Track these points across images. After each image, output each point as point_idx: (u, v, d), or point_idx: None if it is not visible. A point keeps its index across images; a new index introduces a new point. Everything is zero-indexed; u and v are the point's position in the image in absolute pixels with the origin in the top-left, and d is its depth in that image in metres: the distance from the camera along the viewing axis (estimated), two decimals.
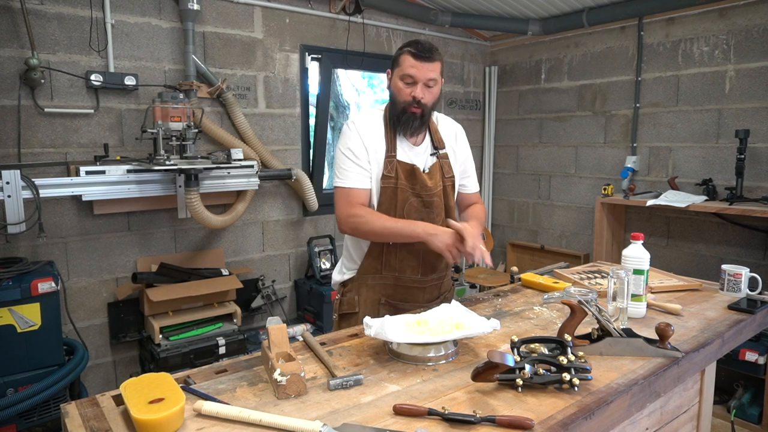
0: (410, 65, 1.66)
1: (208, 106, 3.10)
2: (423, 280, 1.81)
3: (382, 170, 1.72)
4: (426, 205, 1.76)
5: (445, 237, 1.58)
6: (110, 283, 2.92)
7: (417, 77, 1.66)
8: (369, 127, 1.75)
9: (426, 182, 1.75)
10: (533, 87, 4.37)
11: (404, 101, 1.69)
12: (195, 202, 2.80)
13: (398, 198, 1.73)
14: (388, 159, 1.72)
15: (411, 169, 1.74)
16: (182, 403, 1.01)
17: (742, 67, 3.18)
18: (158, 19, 2.94)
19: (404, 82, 1.69)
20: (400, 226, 1.64)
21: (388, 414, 1.07)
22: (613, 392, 1.16)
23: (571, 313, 1.33)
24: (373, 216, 1.67)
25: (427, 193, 1.75)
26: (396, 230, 1.64)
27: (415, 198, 1.74)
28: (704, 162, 3.38)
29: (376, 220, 1.66)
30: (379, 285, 1.80)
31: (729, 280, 1.85)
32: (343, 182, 1.72)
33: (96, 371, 2.92)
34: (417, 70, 1.66)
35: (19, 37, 2.55)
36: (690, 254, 3.50)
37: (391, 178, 1.72)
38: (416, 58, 1.65)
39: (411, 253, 1.76)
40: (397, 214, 1.72)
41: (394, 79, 1.73)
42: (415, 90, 1.67)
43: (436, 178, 1.78)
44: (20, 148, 2.59)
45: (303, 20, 3.49)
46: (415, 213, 1.75)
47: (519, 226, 4.61)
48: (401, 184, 1.72)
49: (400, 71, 1.69)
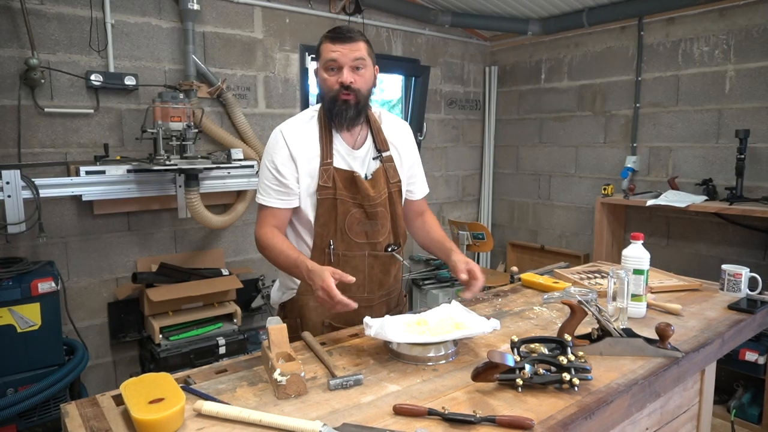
0: (330, 50, 1.53)
1: (208, 106, 3.10)
2: (370, 298, 1.66)
3: (318, 180, 1.57)
4: (370, 217, 1.61)
5: (317, 287, 1.36)
6: (110, 283, 2.92)
7: (340, 60, 1.52)
8: (300, 135, 1.60)
9: (368, 191, 1.59)
10: (533, 87, 4.37)
11: (332, 90, 1.55)
12: (195, 202, 2.80)
13: (338, 210, 1.57)
14: (324, 167, 1.56)
15: (350, 177, 1.58)
16: (182, 403, 1.01)
17: (742, 67, 3.18)
18: (158, 19, 2.94)
19: (329, 70, 1.55)
20: (289, 263, 1.49)
21: (388, 414, 1.07)
22: (613, 392, 1.16)
23: (571, 313, 1.33)
24: (275, 243, 1.53)
25: (370, 203, 1.59)
26: (286, 265, 1.51)
27: (357, 209, 1.59)
28: (704, 162, 3.38)
29: (274, 249, 1.52)
30: (320, 308, 1.57)
31: (729, 279, 1.85)
32: (263, 199, 1.59)
33: (96, 371, 2.92)
34: (339, 53, 1.52)
35: (19, 37, 2.55)
36: (690, 254, 3.50)
37: (329, 189, 1.56)
38: (334, 41, 1.53)
39: (356, 269, 1.60)
40: (338, 227, 1.58)
41: (319, 72, 1.58)
42: (341, 75, 1.53)
43: (380, 185, 1.62)
44: (20, 148, 2.59)
45: (303, 20, 3.49)
46: (358, 225, 1.60)
47: (519, 226, 4.61)
48: (340, 195, 1.57)
49: (322, 61, 1.55)
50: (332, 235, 1.59)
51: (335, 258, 1.59)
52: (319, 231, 1.59)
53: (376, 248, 1.64)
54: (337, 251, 1.60)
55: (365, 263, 1.63)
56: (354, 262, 1.61)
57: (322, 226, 1.58)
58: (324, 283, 1.33)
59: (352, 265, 1.60)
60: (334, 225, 1.59)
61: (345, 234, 1.59)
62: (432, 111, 4.33)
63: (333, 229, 1.59)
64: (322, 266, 1.40)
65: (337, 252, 1.60)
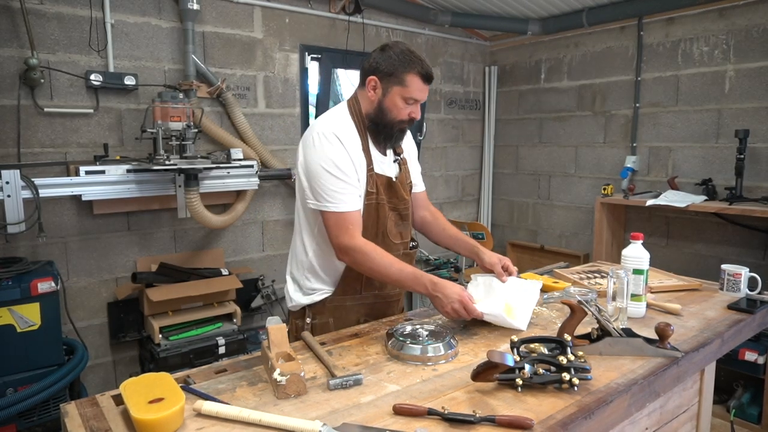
0: (419, 89, 1.56)
1: (207, 106, 3.10)
2: (399, 293, 1.79)
3: (366, 186, 1.59)
4: (403, 219, 1.68)
5: (452, 300, 1.44)
6: (110, 283, 2.92)
7: (421, 100, 1.58)
8: (350, 138, 1.57)
9: (403, 195, 1.66)
10: (533, 87, 4.37)
11: (400, 119, 1.58)
12: (195, 202, 2.80)
13: (379, 214, 1.61)
14: (369, 173, 1.59)
15: (388, 182, 1.64)
16: (182, 402, 1.01)
17: (742, 67, 3.18)
18: (158, 19, 2.93)
19: (406, 102, 1.57)
20: (404, 276, 1.50)
21: (388, 414, 1.07)
22: (612, 392, 1.16)
23: (571, 313, 1.33)
24: (379, 257, 1.51)
25: (404, 206, 1.67)
26: (400, 279, 1.50)
27: (393, 212, 1.65)
28: (704, 162, 3.38)
29: (383, 261, 1.50)
30: (357, 305, 1.67)
31: (729, 279, 1.85)
32: (336, 206, 1.51)
33: (96, 371, 2.92)
34: (424, 94, 1.58)
35: (18, 37, 2.55)
36: (689, 254, 3.50)
37: (373, 194, 1.59)
38: (426, 81, 1.56)
39: None
40: (379, 231, 1.62)
41: (393, 97, 1.56)
42: (414, 111, 1.58)
43: (405, 187, 1.70)
44: (20, 148, 2.59)
45: (303, 20, 3.49)
46: (395, 228, 1.66)
47: (519, 226, 4.61)
48: (381, 199, 1.61)
49: (404, 91, 1.55)
50: (372, 238, 1.59)
51: None
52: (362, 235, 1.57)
53: (406, 247, 1.72)
54: None
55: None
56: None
57: (365, 231, 1.58)
58: (462, 299, 1.43)
59: None
60: (375, 229, 1.62)
61: (386, 237, 1.64)
62: (432, 111, 4.33)
63: (374, 233, 1.61)
64: (446, 281, 1.48)
65: None
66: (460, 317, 1.46)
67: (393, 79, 1.55)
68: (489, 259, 1.68)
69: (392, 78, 1.55)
